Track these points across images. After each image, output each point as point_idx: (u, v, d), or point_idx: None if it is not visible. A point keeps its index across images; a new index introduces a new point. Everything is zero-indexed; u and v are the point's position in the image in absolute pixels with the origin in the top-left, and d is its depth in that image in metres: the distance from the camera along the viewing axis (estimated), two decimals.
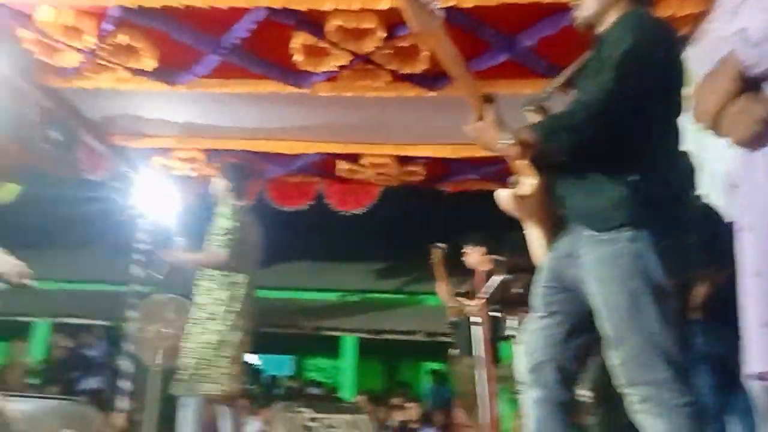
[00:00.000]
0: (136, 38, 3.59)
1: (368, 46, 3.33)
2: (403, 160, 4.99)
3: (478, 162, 4.75)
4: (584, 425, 2.54)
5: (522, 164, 1.84)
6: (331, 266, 11.88)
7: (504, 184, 2.00)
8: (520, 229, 2.04)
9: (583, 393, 2.23)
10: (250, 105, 4.34)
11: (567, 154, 1.68)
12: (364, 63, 3.58)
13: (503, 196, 1.93)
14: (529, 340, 1.79)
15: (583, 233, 1.70)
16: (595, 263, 1.65)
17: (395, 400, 8.08)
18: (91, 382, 7.85)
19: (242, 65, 3.72)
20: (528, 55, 3.46)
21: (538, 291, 1.82)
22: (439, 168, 5.08)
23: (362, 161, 5.01)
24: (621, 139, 1.62)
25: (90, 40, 3.59)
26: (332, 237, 9.88)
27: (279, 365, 11.12)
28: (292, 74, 3.80)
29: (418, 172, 5.18)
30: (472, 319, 4.16)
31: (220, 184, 3.81)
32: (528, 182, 1.87)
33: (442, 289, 4.91)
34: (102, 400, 6.48)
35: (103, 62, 3.84)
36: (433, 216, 8.10)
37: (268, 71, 3.81)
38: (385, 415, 7.18)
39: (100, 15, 3.44)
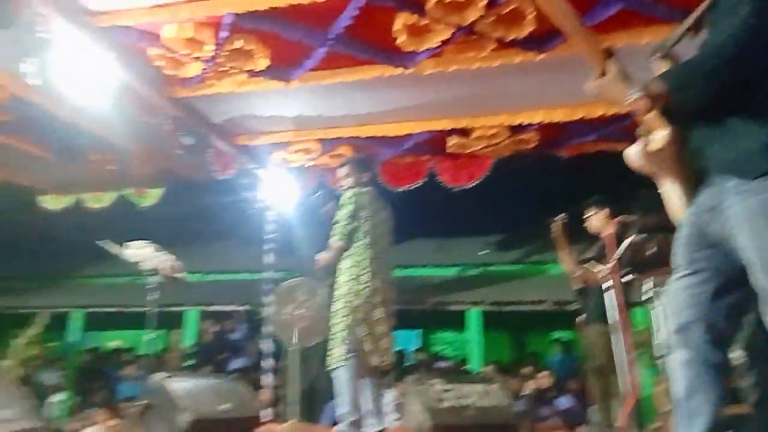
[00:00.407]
0: (249, 41, 3.82)
1: (470, 16, 3.28)
2: (515, 129, 4.86)
3: (596, 122, 4.52)
4: (738, 388, 2.37)
5: (652, 117, 1.73)
6: (450, 242, 11.92)
7: (624, 142, 1.90)
8: (648, 187, 1.94)
9: (737, 354, 2.07)
10: (359, 91, 4.44)
11: (702, 102, 1.56)
12: (467, 35, 3.53)
13: (633, 153, 1.84)
14: (673, 300, 1.70)
15: (727, 184, 1.58)
16: (744, 214, 1.52)
17: (525, 370, 8.00)
18: (238, 363, 8.56)
19: (349, 53, 3.82)
20: (644, 2, 3.23)
21: (680, 249, 1.72)
22: (554, 132, 4.89)
23: (473, 134, 4.95)
24: (764, 79, 1.48)
25: (209, 49, 3.87)
26: (449, 213, 9.88)
27: (406, 340, 11.40)
28: (396, 55, 3.83)
29: (531, 139, 5.02)
30: (604, 285, 4.01)
31: (341, 176, 4.02)
32: (659, 135, 1.76)
33: (565, 258, 4.78)
34: (248, 378, 7.04)
35: (222, 68, 4.13)
36: (550, 183, 7.82)
37: (374, 56, 3.88)
38: (517, 385, 7.13)
39: (216, 24, 3.69)
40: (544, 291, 9.16)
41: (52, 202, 7.12)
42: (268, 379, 6.54)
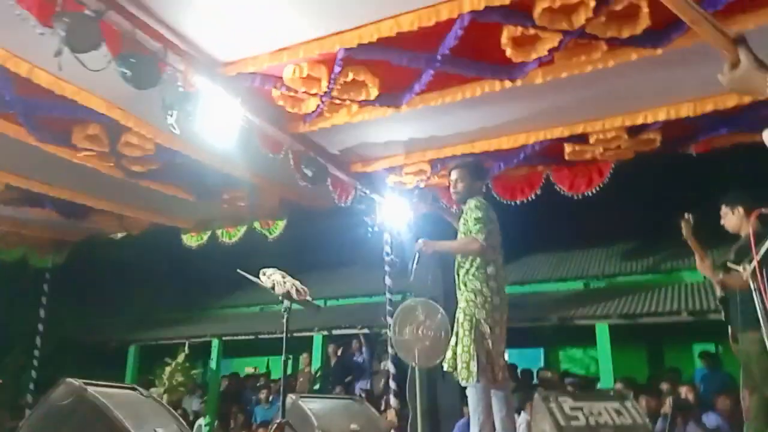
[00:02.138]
0: (359, 72, 4.01)
1: (580, 19, 3.22)
2: (635, 130, 4.65)
3: (727, 114, 4.21)
4: None
5: None
6: (571, 254, 11.50)
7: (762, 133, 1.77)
8: None
9: None
10: (468, 108, 4.49)
11: None
12: (577, 39, 3.46)
13: None
14: None
15: None
16: None
17: (664, 386, 7.43)
18: (363, 384, 8.77)
19: (456, 72, 3.89)
20: None
21: None
22: (678, 129, 4.61)
23: (591, 139, 4.79)
24: None
25: (324, 84, 4.11)
26: (570, 224, 9.57)
27: (530, 359, 11.06)
28: (504, 69, 3.84)
29: (654, 139, 4.77)
30: (751, 286, 3.66)
31: (465, 184, 3.97)
32: None
33: (701, 262, 4.41)
34: (374, 399, 7.18)
35: (337, 101, 4.36)
36: (678, 184, 7.33)
37: (481, 71, 3.92)
38: (655, 402, 6.64)
39: (329, 61, 3.93)
40: (680, 300, 8.54)
41: (191, 240, 7.81)
42: (393, 400, 6.66)
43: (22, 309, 9.04)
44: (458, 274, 3.76)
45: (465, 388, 3.60)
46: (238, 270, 3.53)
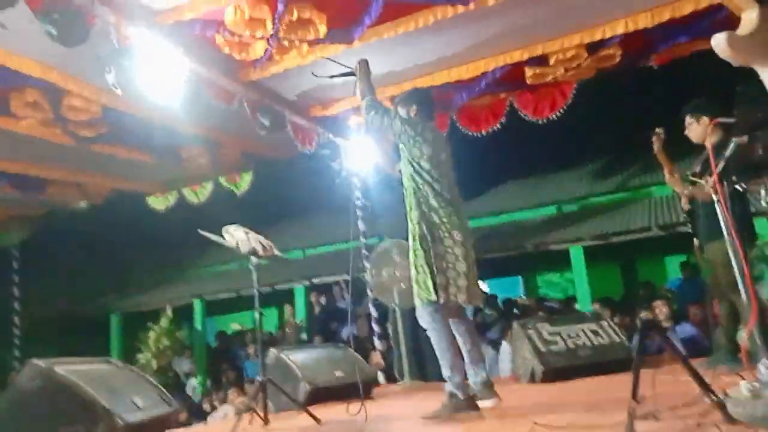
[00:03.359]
0: (304, 9, 3.80)
1: None
2: (595, 46, 4.54)
3: (685, 21, 4.10)
4: None
5: None
6: (543, 179, 11.54)
7: None
8: (749, 80, 1.72)
9: None
10: (423, 39, 4.33)
11: None
12: None
13: (721, 41, 1.62)
14: None
15: None
16: None
17: (639, 301, 7.62)
18: (348, 330, 8.86)
19: (405, 0, 3.70)
20: None
21: None
22: (639, 42, 4.52)
23: (550, 61, 4.68)
24: None
25: (269, 26, 3.89)
26: (537, 149, 9.54)
27: (510, 287, 11.27)
28: None
29: (614, 55, 4.67)
30: (714, 198, 3.66)
31: (404, 112, 3.64)
32: (749, 17, 1.55)
33: (669, 177, 4.41)
34: (360, 344, 7.27)
35: (285, 42, 4.14)
36: (642, 99, 7.28)
37: None
38: (630, 319, 6.82)
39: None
40: (651, 216, 8.67)
41: (157, 203, 7.62)
42: (377, 343, 6.74)
43: None
44: (406, 199, 3.49)
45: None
46: (200, 231, 3.41)
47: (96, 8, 3.44)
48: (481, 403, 2.95)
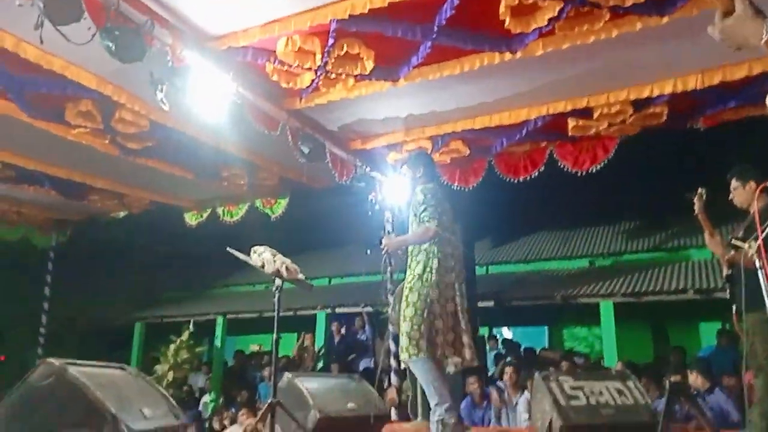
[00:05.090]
0: (354, 45, 3.87)
1: None
2: (641, 103, 4.50)
3: (736, 86, 4.04)
4: None
5: None
6: (576, 232, 11.38)
7: None
8: None
9: None
10: (468, 82, 4.36)
11: None
12: (578, 8, 3.32)
13: None
14: None
15: None
16: None
17: (669, 367, 7.33)
18: (365, 362, 8.76)
19: (454, 44, 3.75)
20: None
21: None
22: (687, 103, 4.45)
23: (595, 114, 4.65)
24: None
25: (318, 58, 3.98)
26: (572, 201, 9.43)
27: (534, 337, 11.03)
28: (503, 40, 3.70)
29: (660, 113, 4.62)
30: (757, 265, 3.52)
31: (408, 174, 3.88)
32: None
33: (710, 239, 4.28)
34: (375, 378, 7.16)
35: (332, 75, 4.23)
36: (686, 159, 7.15)
37: (480, 43, 3.78)
38: (658, 383, 6.55)
39: (322, 33, 3.80)
40: (687, 278, 8.42)
41: (191, 218, 7.77)
42: (394, 378, 6.63)
43: (26, 288, 9.09)
44: (409, 252, 3.65)
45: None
46: (228, 248, 3.45)
47: (155, 30, 3.58)
48: None
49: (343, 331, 9.66)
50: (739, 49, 1.47)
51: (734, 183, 4.03)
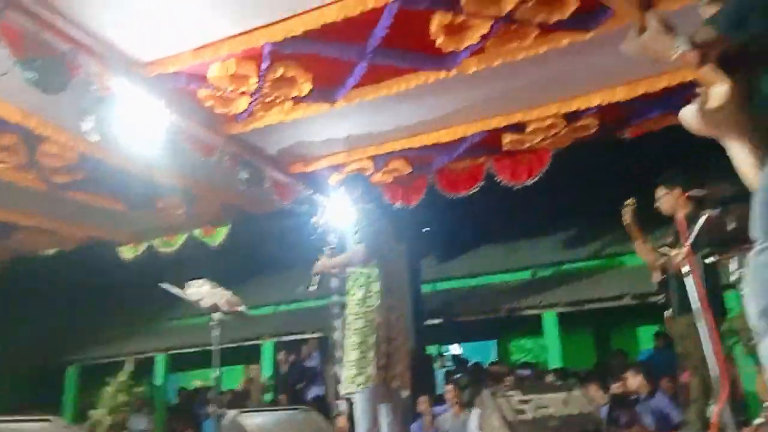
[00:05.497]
0: (290, 67, 3.85)
1: (507, 5, 3.18)
2: (572, 116, 4.67)
3: (659, 95, 4.26)
4: None
5: (707, 71, 1.54)
6: (518, 244, 11.64)
7: None
8: (720, 155, 1.73)
9: None
10: (405, 102, 4.40)
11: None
12: (506, 25, 3.42)
13: (688, 114, 1.63)
14: (755, 279, 1.42)
15: None
16: None
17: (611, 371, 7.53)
18: (315, 391, 8.57)
19: (389, 63, 3.79)
20: None
21: (758, 218, 1.44)
22: (615, 114, 4.66)
23: (528, 128, 4.79)
24: None
25: (253, 82, 3.93)
26: (512, 214, 9.65)
27: (483, 351, 11.14)
28: (438, 59, 3.77)
29: (590, 125, 4.81)
30: (683, 270, 3.68)
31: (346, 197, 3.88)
32: (717, 90, 1.57)
33: (641, 247, 4.46)
34: (325, 406, 7.02)
35: (268, 98, 4.19)
36: (615, 168, 7.48)
37: (415, 63, 3.84)
38: (602, 389, 6.71)
39: (256, 56, 3.75)
40: (624, 284, 8.74)
41: (126, 252, 7.44)
42: (344, 407, 6.51)
43: None
44: (350, 277, 3.62)
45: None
46: (162, 284, 3.31)
47: (79, 58, 3.43)
48: None
49: (291, 359, 9.44)
50: (656, 62, 1.54)
51: (660, 191, 4.22)
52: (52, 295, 10.67)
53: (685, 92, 4.05)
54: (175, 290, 3.32)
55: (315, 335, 9.34)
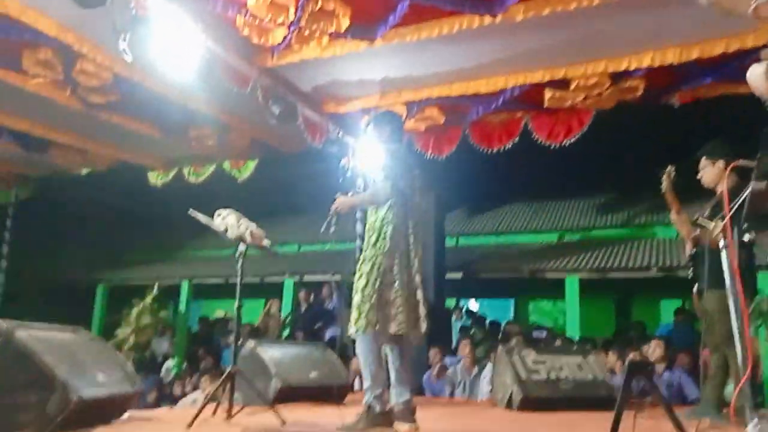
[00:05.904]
0: (329, 1, 3.72)
1: None
2: (618, 77, 4.46)
3: (714, 61, 4.01)
4: None
5: None
6: (547, 205, 11.44)
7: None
8: None
9: None
10: (446, 46, 4.25)
11: None
12: None
13: (757, 74, 1.51)
14: None
15: None
16: None
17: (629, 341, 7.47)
18: (331, 332, 8.73)
19: (433, 4, 3.64)
20: None
21: None
22: (663, 78, 4.43)
23: (572, 86, 4.60)
24: None
25: (291, 12, 3.82)
26: (547, 174, 9.43)
27: (501, 309, 11.17)
28: (484, 3, 3.61)
29: (636, 87, 4.59)
30: (720, 245, 3.54)
31: (373, 134, 3.60)
32: None
33: (676, 217, 4.29)
34: (341, 347, 7.14)
35: (306, 31, 4.08)
36: (659, 136, 7.17)
37: (459, 5, 3.67)
38: (620, 357, 6.68)
39: None
40: (652, 256, 8.57)
41: (156, 178, 7.54)
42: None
43: None
44: (367, 220, 3.43)
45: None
46: (190, 210, 3.31)
47: None
48: (397, 425, 2.88)
49: (310, 299, 9.58)
50: (727, 16, 1.42)
51: (703, 162, 4.02)
52: (86, 216, 10.94)
53: (743, 60, 3.82)
54: (202, 217, 3.32)
55: (335, 277, 9.43)
